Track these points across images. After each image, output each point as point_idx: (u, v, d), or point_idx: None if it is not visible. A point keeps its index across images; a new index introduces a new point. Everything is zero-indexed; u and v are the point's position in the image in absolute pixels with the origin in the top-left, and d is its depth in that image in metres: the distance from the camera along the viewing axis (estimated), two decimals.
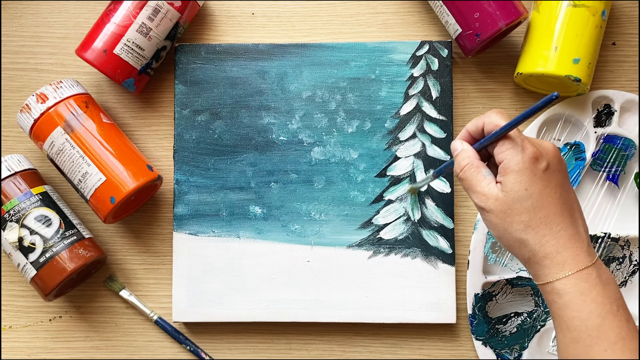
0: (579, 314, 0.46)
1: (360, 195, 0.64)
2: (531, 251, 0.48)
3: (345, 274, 0.63)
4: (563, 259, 0.47)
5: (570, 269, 0.47)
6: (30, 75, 0.67)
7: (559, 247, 0.47)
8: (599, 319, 0.45)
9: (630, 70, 0.65)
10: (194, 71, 0.65)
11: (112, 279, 0.65)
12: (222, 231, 0.64)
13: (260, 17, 0.67)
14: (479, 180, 0.50)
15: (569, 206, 0.49)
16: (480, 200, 0.49)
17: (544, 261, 0.47)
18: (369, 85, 0.64)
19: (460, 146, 0.52)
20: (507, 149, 0.48)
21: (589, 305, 0.46)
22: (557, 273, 0.47)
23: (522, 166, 0.47)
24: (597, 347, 0.45)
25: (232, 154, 0.64)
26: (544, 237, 0.47)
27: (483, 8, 0.60)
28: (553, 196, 0.48)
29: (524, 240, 0.48)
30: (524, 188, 0.47)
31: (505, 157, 0.48)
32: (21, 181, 0.61)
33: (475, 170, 0.50)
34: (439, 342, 0.65)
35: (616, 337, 0.45)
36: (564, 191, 0.49)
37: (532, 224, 0.47)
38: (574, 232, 0.48)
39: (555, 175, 0.48)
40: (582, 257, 0.47)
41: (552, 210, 0.48)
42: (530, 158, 0.47)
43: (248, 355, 0.65)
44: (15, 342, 0.66)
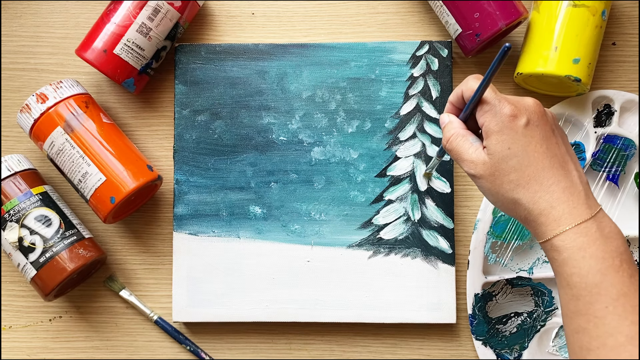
0: (578, 270, 0.45)
1: (360, 195, 0.64)
2: (525, 210, 0.47)
3: (345, 274, 0.63)
4: (558, 214, 0.46)
5: (567, 223, 0.45)
6: (30, 75, 0.67)
7: (552, 202, 0.46)
8: (599, 275, 0.44)
9: (630, 70, 0.65)
10: (194, 71, 0.65)
11: (112, 279, 0.65)
12: (222, 231, 0.64)
13: (260, 17, 0.67)
14: (466, 148, 0.49)
15: (559, 159, 0.47)
16: (469, 167, 0.49)
17: (540, 218, 0.46)
18: (369, 85, 0.64)
19: (447, 118, 0.52)
20: (486, 111, 0.48)
21: (588, 261, 0.44)
22: (554, 229, 0.46)
23: (502, 125, 0.47)
24: (598, 303, 0.44)
25: (232, 154, 0.64)
26: (536, 194, 0.46)
27: (483, 8, 0.60)
28: (539, 151, 0.47)
29: (516, 199, 0.47)
30: (506, 147, 0.47)
31: (486, 120, 0.48)
32: (21, 181, 0.61)
33: (461, 139, 0.50)
34: (439, 342, 0.65)
35: (617, 294, 0.44)
36: (552, 144, 0.48)
37: (521, 182, 0.47)
38: (567, 184, 0.47)
39: (539, 129, 0.47)
40: (580, 210, 0.46)
41: (540, 165, 0.47)
42: (508, 116, 0.47)
43: (248, 355, 0.65)
44: (15, 342, 0.66)
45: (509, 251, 0.64)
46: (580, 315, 0.45)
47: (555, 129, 0.49)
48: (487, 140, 0.48)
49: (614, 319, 0.43)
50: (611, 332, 0.43)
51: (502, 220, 0.63)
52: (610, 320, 0.44)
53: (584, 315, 0.45)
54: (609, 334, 0.43)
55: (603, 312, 0.44)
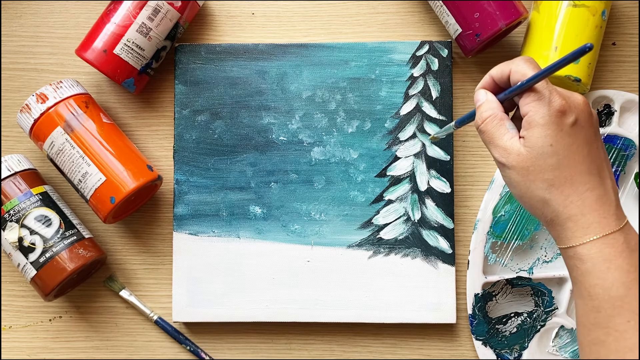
0: (602, 281, 0.43)
1: (360, 195, 0.64)
2: (554, 212, 0.45)
3: (345, 274, 0.63)
4: (588, 222, 0.44)
5: (595, 232, 0.43)
6: (30, 75, 0.67)
7: (584, 209, 0.44)
8: (624, 288, 0.42)
9: (630, 70, 0.65)
10: (194, 71, 0.65)
11: (112, 279, 0.65)
12: (222, 231, 0.64)
13: (260, 17, 0.67)
14: (502, 133, 0.46)
15: (597, 165, 0.45)
16: (501, 155, 0.46)
17: (567, 223, 0.44)
18: (369, 85, 0.64)
19: (484, 96, 0.48)
20: (533, 100, 0.45)
21: (613, 273, 0.43)
22: (581, 237, 0.44)
23: (548, 120, 0.44)
24: (620, 317, 0.42)
25: (232, 154, 0.64)
26: (568, 198, 0.44)
27: (483, 8, 0.60)
28: (580, 153, 0.44)
29: (546, 200, 0.45)
30: (549, 143, 0.44)
31: (530, 110, 0.45)
32: (21, 181, 0.61)
33: (498, 122, 0.47)
34: (439, 342, 0.65)
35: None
36: (593, 149, 0.45)
37: (556, 183, 0.44)
38: (601, 193, 0.44)
39: (584, 131, 0.45)
40: (609, 220, 0.44)
41: (579, 169, 0.44)
42: (557, 111, 0.44)
43: (248, 355, 0.65)
44: (15, 342, 0.66)
45: (509, 251, 0.64)
46: (600, 327, 0.43)
47: (598, 132, 0.47)
48: (528, 131, 0.45)
49: (635, 334, 0.42)
50: (631, 347, 0.42)
51: (502, 221, 0.63)
52: (631, 335, 0.42)
53: (603, 328, 0.43)
54: (628, 349, 0.42)
55: (625, 327, 0.42)
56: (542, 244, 0.64)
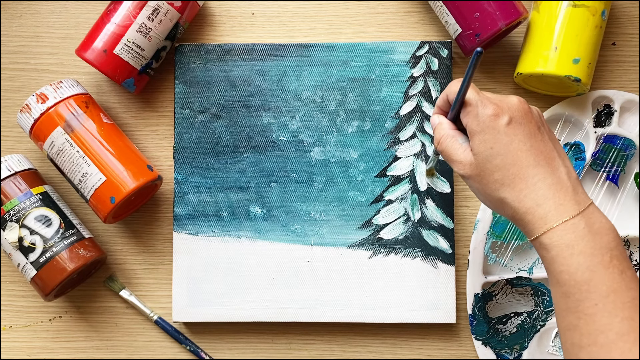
0: (566, 267, 0.44)
1: (360, 195, 0.64)
2: (512, 208, 0.47)
3: (345, 274, 0.63)
4: (544, 212, 0.45)
5: (553, 220, 0.45)
6: (30, 75, 0.67)
7: (538, 200, 0.46)
8: (588, 272, 0.44)
9: (630, 70, 0.65)
10: (194, 71, 0.65)
11: (112, 279, 0.65)
12: (222, 231, 0.64)
13: (260, 17, 0.67)
14: (455, 149, 0.50)
15: (545, 156, 0.47)
16: (458, 168, 0.49)
17: (526, 217, 0.46)
18: (369, 85, 0.64)
19: (437, 120, 0.52)
20: (469, 112, 0.48)
21: (576, 258, 0.44)
22: (540, 227, 0.45)
23: (484, 125, 0.47)
24: (587, 301, 0.44)
25: (232, 154, 0.64)
26: (521, 192, 0.46)
27: (483, 8, 0.60)
28: (522, 149, 0.47)
29: (502, 198, 0.47)
30: (489, 147, 0.47)
31: (468, 121, 0.48)
32: (21, 181, 0.61)
33: (450, 139, 0.50)
34: (439, 342, 0.65)
35: (607, 291, 0.43)
36: (536, 142, 0.47)
37: (506, 181, 0.47)
38: (554, 181, 0.46)
39: (522, 127, 0.47)
40: (567, 206, 0.45)
41: (525, 163, 0.46)
42: (489, 116, 0.47)
43: (248, 355, 0.65)
44: (15, 342, 0.66)
45: (509, 251, 0.64)
46: (571, 312, 0.45)
47: (541, 126, 0.49)
48: (471, 140, 0.48)
49: (604, 316, 0.43)
50: (602, 330, 0.43)
51: (502, 220, 0.63)
52: (600, 318, 0.43)
53: (574, 313, 0.44)
54: (599, 332, 0.43)
55: (593, 310, 0.44)
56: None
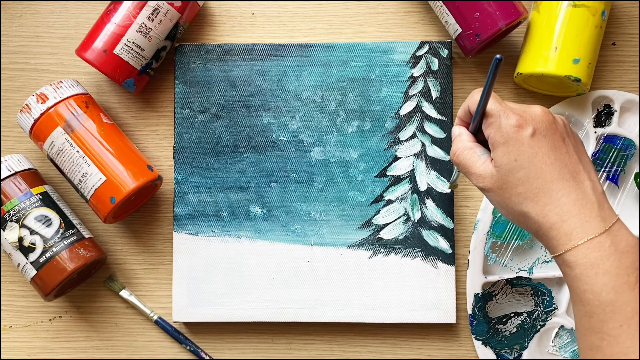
0: (591, 287, 0.43)
1: (360, 195, 0.64)
2: (535, 223, 0.45)
3: (345, 274, 0.63)
4: (569, 228, 0.44)
5: (578, 238, 0.43)
6: (30, 75, 0.67)
7: (563, 216, 0.44)
8: (613, 292, 0.42)
9: (630, 70, 0.65)
10: (194, 71, 0.65)
11: (112, 279, 0.65)
12: (222, 231, 0.64)
13: (260, 17, 0.67)
14: (474, 161, 0.48)
15: (570, 169, 0.45)
16: (477, 181, 0.48)
17: (551, 232, 0.45)
18: (369, 85, 0.64)
19: (457, 131, 0.51)
20: (491, 123, 0.47)
21: (601, 278, 0.42)
22: (565, 244, 0.44)
23: (507, 137, 0.46)
24: (612, 322, 0.42)
25: (232, 154, 0.64)
26: (545, 207, 0.45)
27: (483, 8, 0.60)
28: (547, 162, 0.45)
29: (525, 213, 0.46)
30: (513, 159, 0.45)
31: (490, 132, 0.47)
32: (21, 181, 0.61)
33: (469, 151, 0.49)
34: (439, 342, 0.65)
35: (632, 312, 0.42)
36: (560, 154, 0.46)
37: (529, 195, 0.45)
38: (579, 196, 0.44)
39: (547, 139, 0.46)
40: (593, 223, 0.44)
41: (549, 177, 0.45)
42: (513, 127, 0.46)
43: (248, 355, 0.65)
44: (15, 342, 0.66)
45: (509, 251, 0.64)
46: (594, 332, 0.43)
47: (566, 137, 0.47)
48: (493, 152, 0.47)
49: (629, 338, 0.42)
50: (625, 352, 0.42)
51: (502, 220, 0.63)
52: (624, 340, 0.42)
53: (597, 333, 0.43)
54: (622, 354, 0.42)
55: (617, 331, 0.42)
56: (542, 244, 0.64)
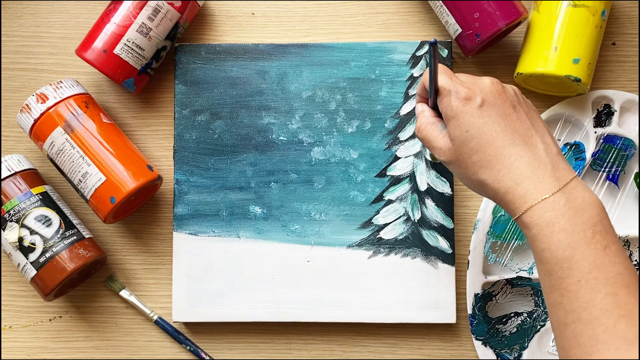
0: (548, 245, 0.44)
1: (360, 195, 0.64)
2: (492, 190, 0.47)
3: (345, 274, 0.63)
4: (524, 191, 0.45)
5: (533, 199, 0.45)
6: (30, 75, 0.67)
7: (517, 179, 0.45)
8: (570, 249, 0.43)
9: (630, 70, 0.65)
10: (194, 71, 0.65)
11: (112, 279, 0.65)
12: (222, 231, 0.64)
13: (260, 17, 0.67)
14: (435, 136, 0.50)
15: (521, 134, 0.47)
16: (439, 154, 0.50)
17: (507, 197, 0.46)
18: (369, 85, 0.64)
19: (419, 108, 0.53)
20: (442, 98, 0.49)
21: (557, 236, 0.44)
22: (520, 206, 0.45)
23: (457, 110, 0.47)
24: (570, 278, 0.43)
25: (232, 154, 0.64)
26: (499, 173, 0.46)
27: (483, 8, 0.60)
28: (497, 130, 0.47)
29: (482, 180, 0.47)
30: (464, 131, 0.47)
31: (443, 107, 0.49)
32: (21, 181, 0.61)
33: (430, 127, 0.51)
34: (439, 342, 0.65)
35: (590, 267, 0.43)
36: (511, 121, 0.47)
37: (484, 163, 0.47)
38: (531, 158, 0.46)
39: (495, 108, 0.47)
40: (546, 183, 0.45)
41: (500, 143, 0.46)
42: (462, 99, 0.47)
43: (248, 355, 0.65)
44: (15, 342, 0.66)
45: (509, 251, 0.64)
46: (555, 290, 0.44)
47: (517, 104, 0.49)
48: (447, 126, 0.49)
49: (587, 293, 0.43)
50: (585, 306, 0.43)
51: (502, 220, 0.63)
52: (583, 294, 0.43)
53: (557, 290, 0.44)
54: (582, 308, 0.43)
55: (576, 287, 0.43)
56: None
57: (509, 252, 0.64)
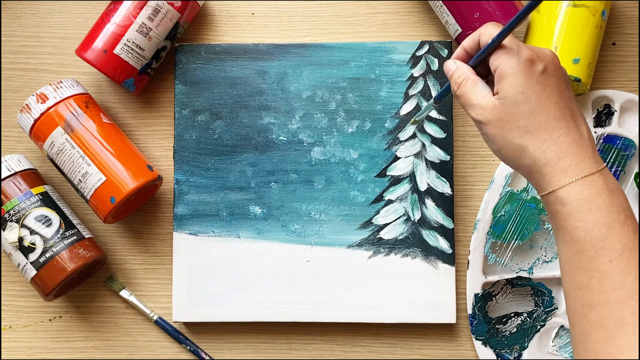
0: (583, 223, 0.43)
1: (360, 195, 0.64)
2: (531, 158, 0.46)
3: (345, 274, 0.63)
4: (565, 165, 0.44)
5: (573, 175, 0.44)
6: (30, 75, 0.67)
7: (560, 153, 0.45)
8: (605, 228, 0.43)
9: (630, 70, 0.65)
10: (194, 71, 0.65)
11: (112, 279, 0.65)
12: (222, 231, 0.64)
13: (260, 17, 0.67)
14: (476, 93, 0.48)
15: (571, 111, 0.46)
16: (477, 113, 0.47)
17: (546, 169, 0.45)
18: (369, 85, 0.64)
19: (453, 65, 0.50)
20: (502, 54, 0.46)
21: (594, 214, 0.43)
22: (559, 180, 0.44)
23: (518, 68, 0.46)
24: (602, 258, 0.43)
25: (232, 154, 0.64)
26: (544, 143, 0.45)
27: (483, 8, 0.60)
28: (552, 100, 0.46)
29: (523, 146, 0.46)
30: (520, 91, 0.45)
31: (500, 63, 0.46)
32: (21, 181, 0.61)
33: (471, 84, 0.48)
34: (439, 342, 0.65)
35: (622, 248, 0.43)
36: (564, 96, 0.46)
37: (530, 129, 0.45)
38: (576, 137, 0.45)
39: (554, 79, 0.46)
40: (587, 163, 0.44)
41: (552, 114, 0.45)
42: (525, 60, 0.46)
43: (248, 355, 0.65)
44: (15, 342, 0.66)
45: (509, 251, 0.64)
46: (584, 270, 0.43)
47: (569, 84, 0.48)
48: (500, 83, 0.46)
49: (618, 274, 0.42)
50: (614, 287, 0.42)
51: (502, 221, 0.63)
52: (614, 275, 0.42)
53: (587, 271, 0.43)
54: (612, 289, 0.42)
55: (607, 267, 0.43)
56: (542, 244, 0.64)
57: (509, 252, 0.64)
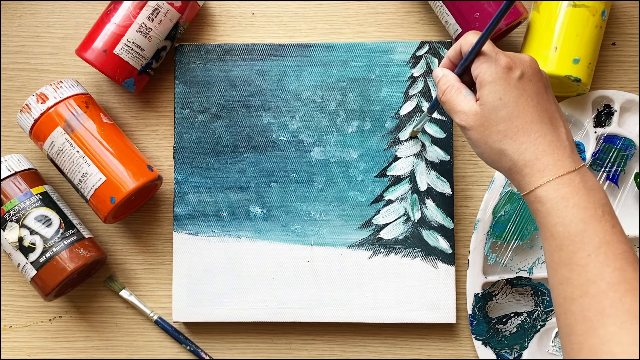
0: (561, 219, 0.45)
1: (360, 195, 0.64)
2: (511, 160, 0.48)
3: (345, 274, 0.63)
4: (543, 165, 0.47)
5: (551, 174, 0.46)
6: (30, 75, 0.67)
7: (538, 154, 0.47)
8: (582, 223, 0.45)
9: (630, 70, 0.65)
10: (194, 71, 0.65)
11: (112, 279, 0.65)
12: (222, 231, 0.64)
13: (260, 17, 0.67)
14: (460, 100, 0.50)
15: (549, 114, 0.48)
16: (461, 119, 0.50)
17: (524, 169, 0.47)
18: (369, 85, 0.64)
19: (440, 72, 0.53)
20: (482, 63, 0.49)
21: (571, 210, 0.45)
22: (537, 180, 0.47)
23: (496, 76, 0.48)
24: (580, 252, 0.45)
25: (232, 154, 0.64)
26: (522, 145, 0.47)
27: (483, 8, 0.60)
28: (529, 104, 0.48)
29: (502, 150, 0.48)
30: (498, 97, 0.48)
31: (480, 71, 0.49)
32: (21, 181, 0.61)
33: (455, 91, 0.51)
34: (439, 342, 0.65)
35: (600, 242, 0.44)
36: (542, 100, 0.49)
37: (509, 133, 0.48)
38: (554, 138, 0.48)
39: (532, 84, 0.48)
40: (564, 162, 0.47)
41: (529, 118, 0.48)
42: (503, 68, 0.48)
43: (248, 355, 0.65)
44: (15, 342, 0.66)
45: (509, 251, 0.64)
46: (564, 265, 0.45)
47: (547, 87, 0.50)
48: (480, 90, 0.49)
49: (596, 267, 0.44)
50: (593, 280, 0.44)
51: (502, 220, 0.63)
52: (592, 268, 0.44)
53: (567, 265, 0.45)
54: (591, 282, 0.44)
55: (585, 260, 0.44)
56: (542, 244, 0.64)
57: (509, 252, 0.64)
